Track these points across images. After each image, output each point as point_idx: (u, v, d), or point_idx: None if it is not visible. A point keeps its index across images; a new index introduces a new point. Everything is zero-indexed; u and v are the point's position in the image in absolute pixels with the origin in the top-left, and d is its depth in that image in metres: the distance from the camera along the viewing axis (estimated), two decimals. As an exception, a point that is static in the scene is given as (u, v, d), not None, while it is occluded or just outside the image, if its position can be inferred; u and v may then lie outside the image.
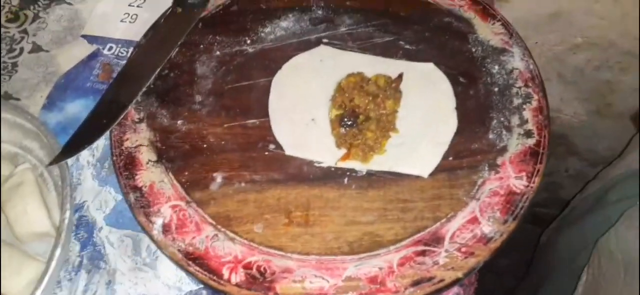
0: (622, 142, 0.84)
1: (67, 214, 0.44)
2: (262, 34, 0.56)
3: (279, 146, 0.49)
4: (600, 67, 0.87)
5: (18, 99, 0.56)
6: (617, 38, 0.80)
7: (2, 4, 0.62)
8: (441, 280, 0.41)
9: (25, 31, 0.61)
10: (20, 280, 0.44)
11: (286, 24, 0.56)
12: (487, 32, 0.54)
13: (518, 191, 0.45)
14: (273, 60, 0.54)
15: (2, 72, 0.57)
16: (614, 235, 0.56)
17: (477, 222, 0.44)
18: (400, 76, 0.50)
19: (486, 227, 0.43)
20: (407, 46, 0.54)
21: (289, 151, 0.48)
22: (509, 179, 0.46)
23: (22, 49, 0.59)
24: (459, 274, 0.41)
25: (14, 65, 0.58)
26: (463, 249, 0.42)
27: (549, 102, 0.50)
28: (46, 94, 0.56)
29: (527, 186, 0.45)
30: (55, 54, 0.59)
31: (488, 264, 0.46)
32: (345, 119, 0.47)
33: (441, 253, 0.42)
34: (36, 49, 0.59)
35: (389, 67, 0.51)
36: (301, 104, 0.51)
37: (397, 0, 0.57)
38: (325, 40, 0.55)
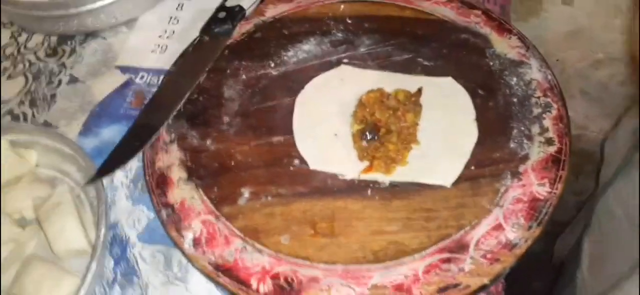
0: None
1: (103, 230, 0.46)
2: (285, 58, 0.58)
3: (303, 161, 0.50)
4: (624, 82, 0.87)
5: (56, 127, 0.59)
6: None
7: (42, 41, 0.67)
8: (467, 287, 0.41)
9: (63, 65, 0.64)
10: (58, 294, 0.45)
11: (308, 47, 0.58)
12: (504, 46, 0.56)
13: (541, 198, 0.45)
14: (296, 81, 0.56)
15: (42, 103, 0.61)
16: (612, 193, 0.55)
17: (502, 229, 0.44)
18: (419, 90, 0.51)
19: (511, 234, 0.44)
20: (425, 62, 0.55)
21: (313, 166, 0.50)
22: (532, 186, 0.46)
23: (60, 81, 0.63)
24: (485, 280, 0.42)
25: (53, 96, 0.61)
26: (488, 256, 0.43)
27: (573, 119, 0.50)
28: (82, 122, 0.59)
29: (550, 192, 0.45)
30: (91, 85, 0.62)
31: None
32: (367, 133, 0.49)
33: (466, 260, 0.43)
34: (73, 80, 0.63)
35: (408, 82, 0.53)
36: (324, 120, 0.52)
37: (413, 20, 0.59)
38: (345, 61, 0.57)
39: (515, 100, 0.52)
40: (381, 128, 0.49)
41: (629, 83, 0.86)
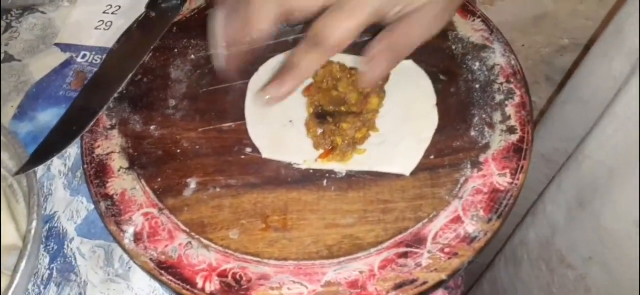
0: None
1: (34, 224, 0.42)
2: (238, 37, 0.54)
3: (255, 149, 0.47)
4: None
5: (-12, 110, 0.54)
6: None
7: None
8: (424, 283, 0.39)
9: (-4, 41, 0.59)
10: (-15, 294, 0.42)
11: (263, 26, 0.55)
12: (467, 29, 0.53)
13: (502, 188, 0.43)
14: (249, 62, 0.52)
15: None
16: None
17: (461, 221, 0.42)
18: (387, 75, 0.48)
19: (470, 227, 0.42)
20: (387, 45, 0.52)
21: (265, 154, 0.47)
22: (492, 176, 0.44)
23: (-7, 59, 0.58)
24: (443, 275, 0.40)
25: (-15, 76, 0.57)
26: (446, 250, 0.41)
27: (537, 104, 0.48)
28: (17, 104, 0.54)
29: (511, 183, 0.43)
30: (28, 63, 0.58)
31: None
32: (319, 115, 0.46)
33: (424, 254, 0.41)
34: (8, 58, 0.58)
35: (368, 65, 0.50)
36: (278, 105, 0.49)
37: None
38: (302, 41, 0.54)
39: (477, 86, 0.49)
40: (335, 112, 0.46)
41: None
